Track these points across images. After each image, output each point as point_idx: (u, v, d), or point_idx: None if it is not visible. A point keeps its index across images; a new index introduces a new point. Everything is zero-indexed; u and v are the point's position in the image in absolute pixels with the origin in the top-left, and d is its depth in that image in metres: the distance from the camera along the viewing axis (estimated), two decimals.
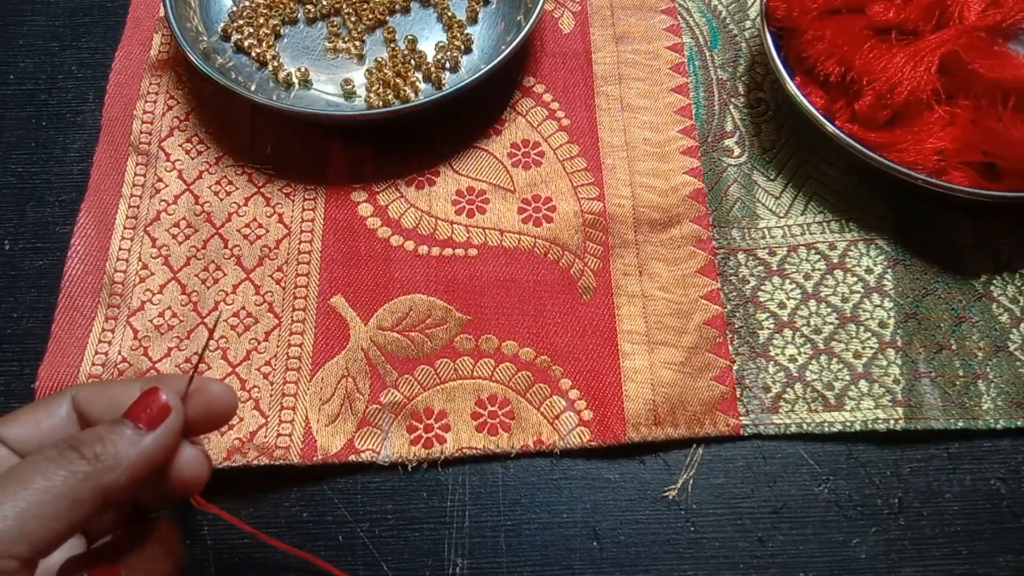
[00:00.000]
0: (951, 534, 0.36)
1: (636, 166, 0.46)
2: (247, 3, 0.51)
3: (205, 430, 0.31)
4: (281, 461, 0.38)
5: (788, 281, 0.42)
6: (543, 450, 0.38)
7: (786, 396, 0.39)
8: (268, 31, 0.49)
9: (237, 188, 0.45)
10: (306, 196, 0.45)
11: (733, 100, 0.48)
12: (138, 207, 0.45)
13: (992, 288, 0.41)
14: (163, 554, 0.29)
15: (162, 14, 0.49)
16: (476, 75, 0.44)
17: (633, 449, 0.38)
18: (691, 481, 0.38)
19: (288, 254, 0.43)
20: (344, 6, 0.51)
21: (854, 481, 0.37)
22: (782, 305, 0.42)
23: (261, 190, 0.45)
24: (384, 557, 0.36)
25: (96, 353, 0.40)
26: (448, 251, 0.43)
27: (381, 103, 0.47)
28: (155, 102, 0.48)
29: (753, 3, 0.52)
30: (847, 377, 0.39)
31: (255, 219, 0.44)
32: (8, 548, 0.23)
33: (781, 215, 0.44)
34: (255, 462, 0.38)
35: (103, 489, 0.25)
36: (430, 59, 0.49)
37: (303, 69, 0.49)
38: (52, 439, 0.27)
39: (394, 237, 0.44)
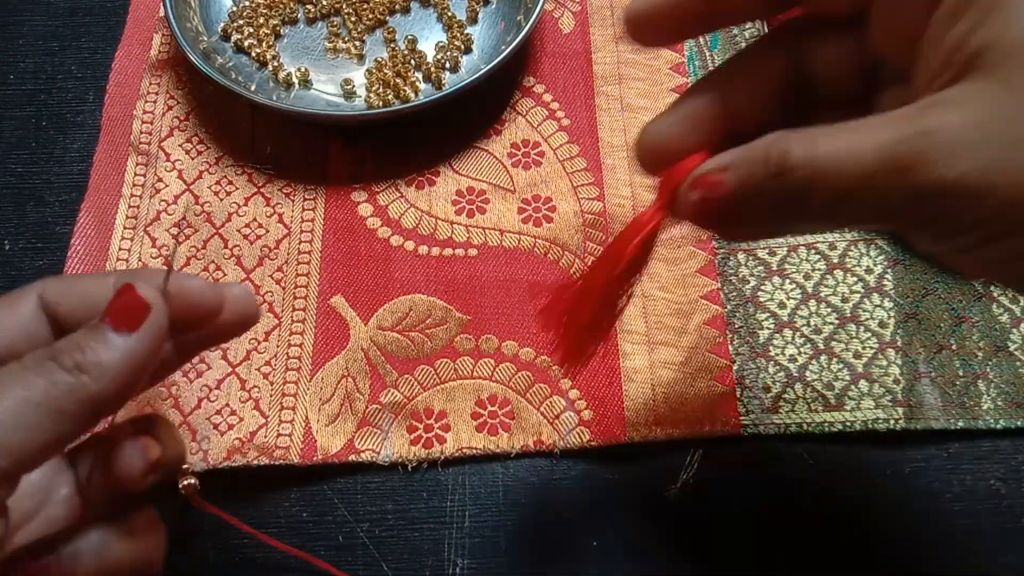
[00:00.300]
0: (951, 534, 0.36)
1: (636, 166, 0.46)
2: (247, 3, 0.51)
3: (221, 331, 0.28)
4: (281, 461, 0.38)
5: (788, 281, 0.42)
6: (543, 450, 0.38)
7: (786, 396, 0.39)
8: (268, 31, 0.49)
9: (237, 188, 0.45)
10: (306, 196, 0.45)
11: None
12: (138, 207, 0.45)
13: (992, 288, 0.41)
14: (143, 549, 0.28)
15: (162, 14, 0.49)
16: (476, 75, 0.44)
17: (633, 449, 0.38)
18: (691, 481, 0.38)
19: (288, 254, 0.43)
20: (344, 6, 0.51)
21: (854, 481, 0.37)
22: (782, 305, 0.42)
23: (261, 190, 0.45)
24: (384, 557, 0.36)
25: None
26: (448, 251, 0.43)
27: (381, 103, 0.47)
28: (155, 102, 0.48)
29: None
30: (847, 377, 0.39)
31: (255, 219, 0.44)
32: None
33: None
34: (255, 462, 0.38)
35: (89, 400, 0.23)
36: (430, 59, 0.49)
37: (303, 69, 0.49)
38: (19, 339, 0.26)
39: (394, 237, 0.44)
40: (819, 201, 0.22)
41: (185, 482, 0.36)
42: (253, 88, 0.47)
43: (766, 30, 0.45)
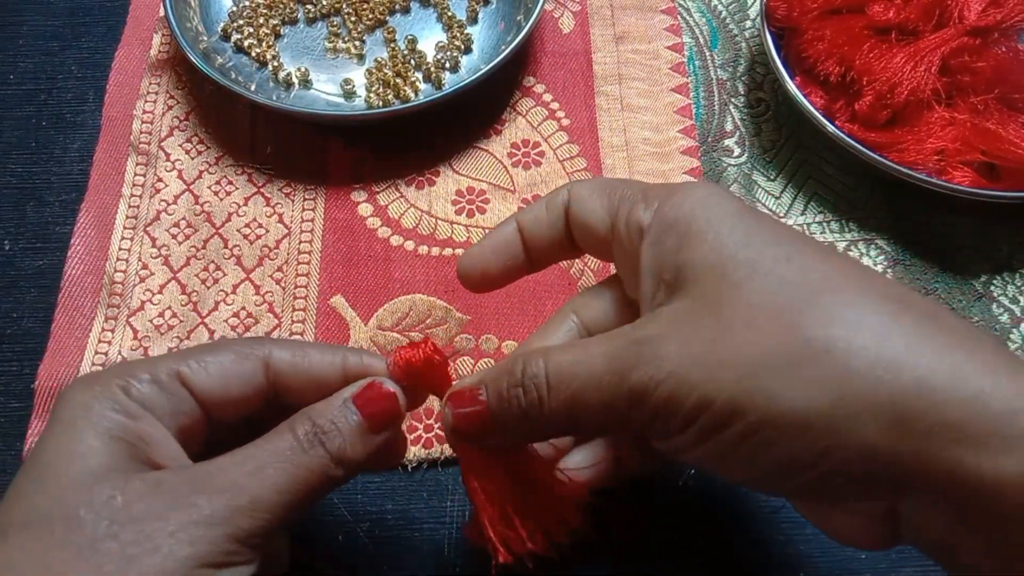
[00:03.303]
0: None
1: (636, 166, 0.46)
2: (247, 3, 0.51)
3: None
4: None
5: None
6: None
7: None
8: (268, 31, 0.49)
9: (237, 188, 0.45)
10: (306, 196, 0.45)
11: (733, 100, 0.48)
12: (138, 207, 0.45)
13: (992, 288, 0.41)
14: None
15: (162, 14, 0.49)
16: (476, 75, 0.44)
17: None
18: (691, 481, 0.38)
19: (288, 254, 0.43)
20: (344, 6, 0.51)
21: None
22: None
23: (261, 190, 0.45)
24: (384, 557, 0.36)
25: (96, 353, 0.40)
26: (448, 251, 0.43)
27: (381, 103, 0.47)
28: (155, 102, 0.48)
29: (753, 3, 0.52)
30: None
31: (255, 219, 0.44)
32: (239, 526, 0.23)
33: (781, 215, 0.44)
34: None
35: (330, 483, 0.26)
36: (430, 59, 0.49)
37: (303, 69, 0.49)
38: (236, 402, 0.27)
39: (394, 237, 0.44)
40: (555, 404, 0.25)
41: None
42: (253, 88, 0.47)
43: (766, 30, 0.45)
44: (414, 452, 0.38)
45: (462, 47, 0.49)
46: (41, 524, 0.22)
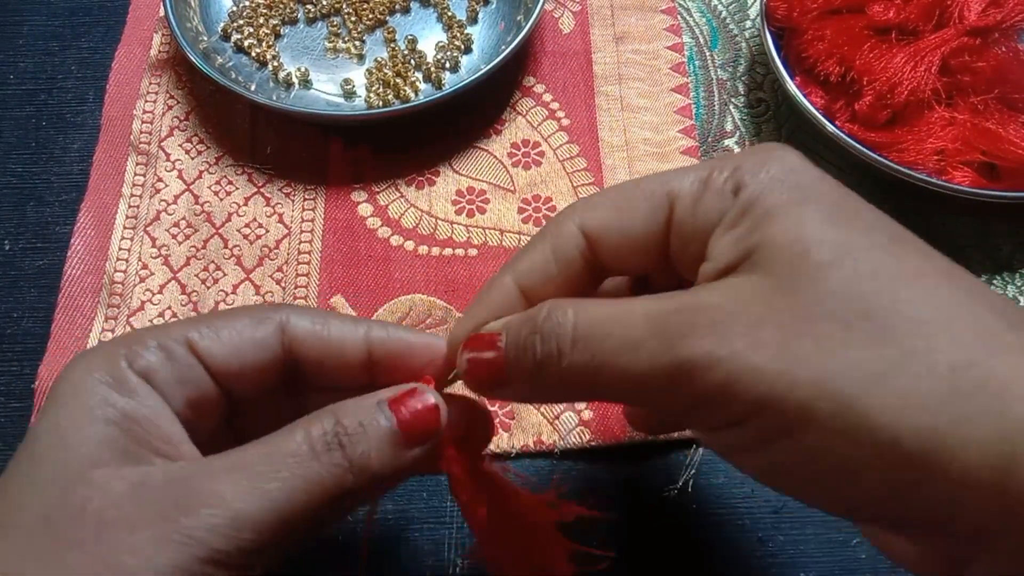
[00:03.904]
0: None
1: (636, 166, 0.46)
2: (247, 3, 0.51)
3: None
4: None
5: None
6: (543, 450, 0.38)
7: None
8: (268, 31, 0.49)
9: (237, 188, 0.45)
10: (306, 196, 0.45)
11: (733, 100, 0.48)
12: (138, 207, 0.45)
13: (992, 288, 0.41)
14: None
15: (162, 14, 0.49)
16: (476, 75, 0.44)
17: (633, 449, 0.38)
18: (691, 481, 0.38)
19: (288, 254, 0.43)
20: (344, 6, 0.51)
21: None
22: None
23: (261, 190, 0.45)
24: (384, 557, 0.36)
25: None
26: (448, 251, 0.43)
27: (381, 103, 0.47)
28: (155, 102, 0.48)
29: (753, 3, 0.52)
30: None
31: (255, 219, 0.44)
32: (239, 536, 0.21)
33: None
34: None
35: (343, 495, 0.22)
36: (430, 59, 0.49)
37: (303, 69, 0.48)
38: (251, 372, 0.25)
39: (394, 237, 0.44)
40: (577, 361, 0.22)
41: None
42: (253, 88, 0.47)
43: (766, 30, 0.45)
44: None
45: (462, 47, 0.49)
46: (13, 527, 0.21)
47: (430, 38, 0.50)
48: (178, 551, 0.20)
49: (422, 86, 0.48)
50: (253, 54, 0.49)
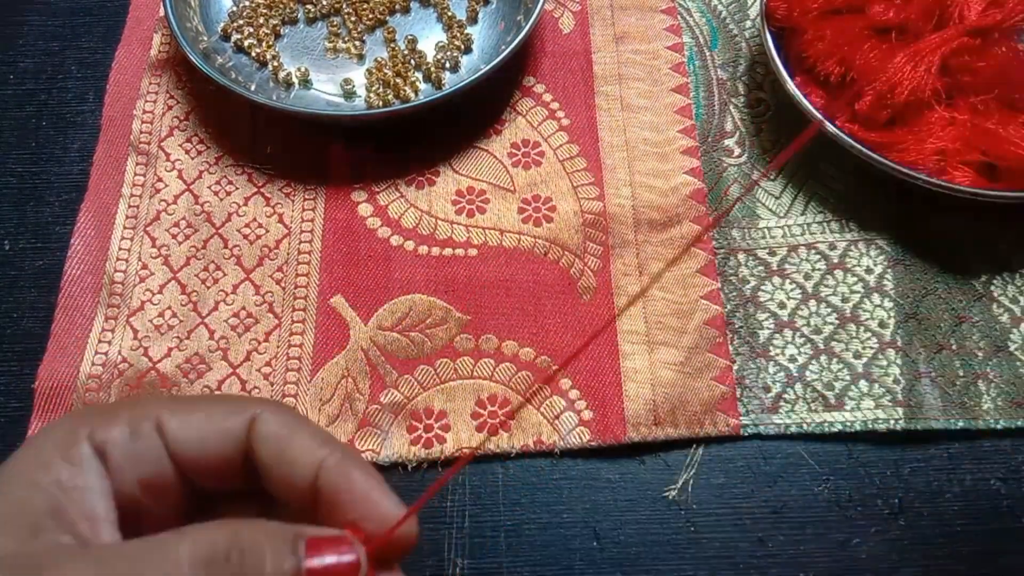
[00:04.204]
0: (951, 534, 0.36)
1: (636, 166, 0.46)
2: (247, 3, 0.51)
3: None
4: None
5: (788, 281, 0.42)
6: (543, 450, 0.38)
7: (786, 396, 0.39)
8: (268, 31, 0.49)
9: (237, 188, 0.45)
10: (306, 196, 0.45)
11: (733, 100, 0.48)
12: (138, 207, 0.45)
13: (992, 288, 0.41)
14: None
15: (162, 14, 0.49)
16: (476, 75, 0.44)
17: (633, 449, 0.38)
18: (691, 481, 0.38)
19: (288, 254, 0.43)
20: (344, 6, 0.51)
21: (854, 481, 0.37)
22: (782, 305, 0.42)
23: (261, 190, 0.45)
24: None
25: (96, 353, 0.40)
26: (448, 251, 0.43)
27: (381, 103, 0.47)
28: (155, 102, 0.48)
29: (753, 3, 0.52)
30: (847, 377, 0.39)
31: (255, 219, 0.44)
32: None
33: (781, 215, 0.44)
34: None
35: None
36: (430, 59, 0.49)
37: (303, 69, 0.48)
38: (211, 463, 0.23)
39: (394, 237, 0.44)
40: None
41: None
42: (253, 88, 0.47)
43: (766, 30, 0.45)
44: (414, 452, 0.38)
45: (462, 47, 0.49)
46: None
47: (430, 38, 0.50)
48: None
49: (422, 86, 0.48)
50: (253, 54, 0.49)
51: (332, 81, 0.48)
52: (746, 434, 0.38)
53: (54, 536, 0.21)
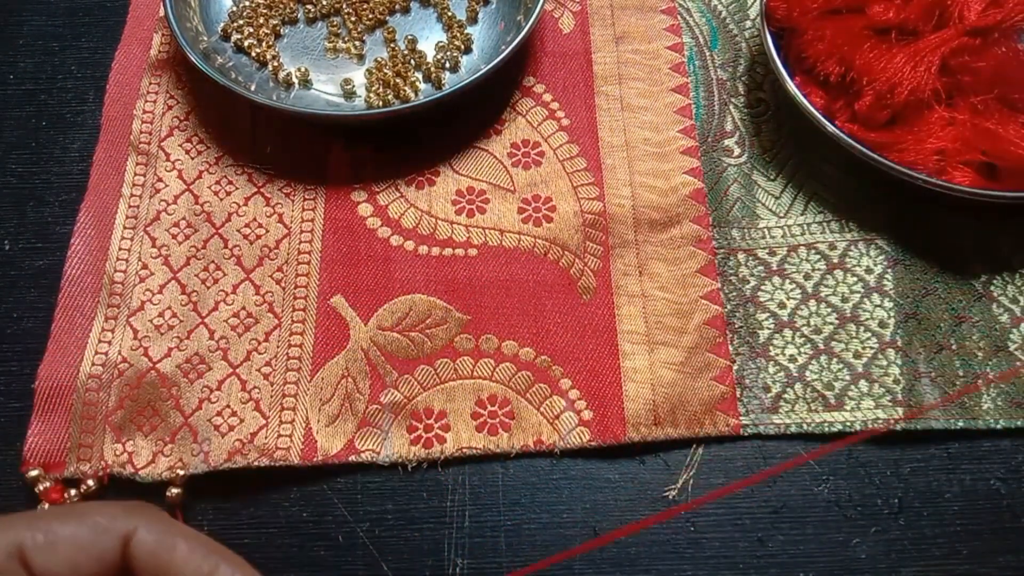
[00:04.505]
0: (951, 534, 0.36)
1: (636, 166, 0.46)
2: (247, 3, 0.51)
3: None
4: (282, 462, 0.38)
5: (788, 281, 0.42)
6: (543, 450, 0.38)
7: (786, 396, 0.39)
8: (268, 31, 0.49)
9: (237, 188, 0.45)
10: (306, 196, 0.45)
11: (733, 100, 0.48)
12: (138, 207, 0.45)
13: (992, 288, 0.41)
14: None
15: (162, 14, 0.49)
16: (476, 75, 0.44)
17: (633, 449, 0.38)
18: (691, 481, 0.38)
19: (288, 254, 0.43)
20: (344, 6, 0.51)
21: (854, 481, 0.37)
22: (782, 305, 0.42)
23: (261, 190, 0.45)
24: (384, 557, 0.36)
25: (96, 353, 0.40)
26: (448, 251, 0.43)
27: (381, 103, 0.47)
28: (155, 102, 0.48)
29: (753, 3, 0.52)
30: (847, 377, 0.39)
31: (255, 219, 0.44)
32: None
33: (781, 215, 0.44)
34: (256, 463, 0.38)
35: None
36: (430, 59, 0.49)
37: (303, 69, 0.49)
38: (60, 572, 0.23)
39: (394, 237, 0.44)
40: None
41: (172, 492, 0.37)
42: (253, 88, 0.47)
43: (766, 30, 0.45)
44: (414, 452, 0.38)
45: (462, 47, 0.49)
46: None
47: (430, 38, 0.50)
48: None
49: (422, 86, 0.48)
50: (253, 54, 0.49)
51: (332, 81, 0.48)
52: (746, 434, 0.38)
53: None
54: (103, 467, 0.38)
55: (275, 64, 0.49)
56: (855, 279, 0.42)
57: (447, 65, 0.49)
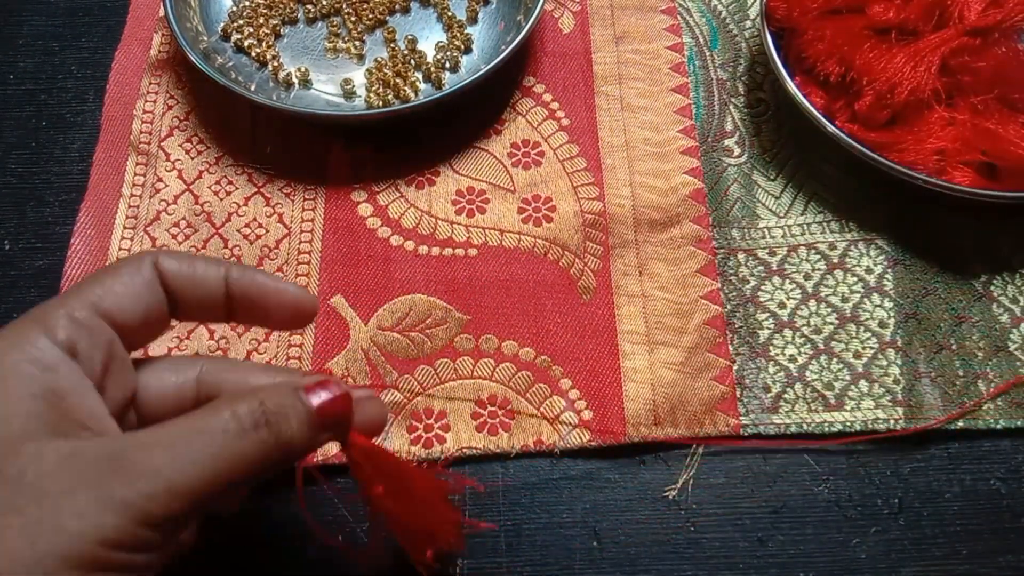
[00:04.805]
0: (951, 534, 0.36)
1: (636, 166, 0.46)
2: (247, 3, 0.51)
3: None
4: None
5: (788, 281, 0.42)
6: (543, 450, 0.38)
7: (786, 396, 0.39)
8: (268, 31, 0.49)
9: (237, 188, 0.45)
10: (306, 196, 0.45)
11: (733, 100, 0.48)
12: (138, 207, 0.45)
13: (992, 288, 0.41)
14: None
15: (162, 14, 0.49)
16: (476, 75, 0.44)
17: (633, 449, 0.38)
18: (691, 481, 0.38)
19: (288, 254, 0.43)
20: (344, 6, 0.51)
21: (854, 481, 0.37)
22: (782, 305, 0.42)
23: (261, 190, 0.45)
24: (384, 557, 0.36)
25: None
26: (448, 251, 0.43)
27: (381, 103, 0.47)
28: (155, 102, 0.48)
29: (753, 3, 0.52)
30: (847, 377, 0.39)
31: (255, 219, 0.44)
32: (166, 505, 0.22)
33: (781, 215, 0.44)
34: None
35: (265, 467, 0.25)
36: (430, 59, 0.49)
37: (303, 69, 0.49)
38: (132, 303, 0.26)
39: (394, 237, 0.44)
40: None
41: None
42: (253, 88, 0.47)
43: (766, 30, 0.45)
44: (414, 452, 0.38)
45: (462, 47, 0.49)
46: None
47: (430, 38, 0.50)
48: (117, 515, 0.22)
49: (422, 86, 0.48)
50: (253, 54, 0.49)
51: (332, 81, 0.48)
52: (746, 434, 0.38)
53: (78, 436, 0.23)
54: None
55: (275, 64, 0.49)
56: (855, 279, 0.42)
57: (447, 65, 0.49)
